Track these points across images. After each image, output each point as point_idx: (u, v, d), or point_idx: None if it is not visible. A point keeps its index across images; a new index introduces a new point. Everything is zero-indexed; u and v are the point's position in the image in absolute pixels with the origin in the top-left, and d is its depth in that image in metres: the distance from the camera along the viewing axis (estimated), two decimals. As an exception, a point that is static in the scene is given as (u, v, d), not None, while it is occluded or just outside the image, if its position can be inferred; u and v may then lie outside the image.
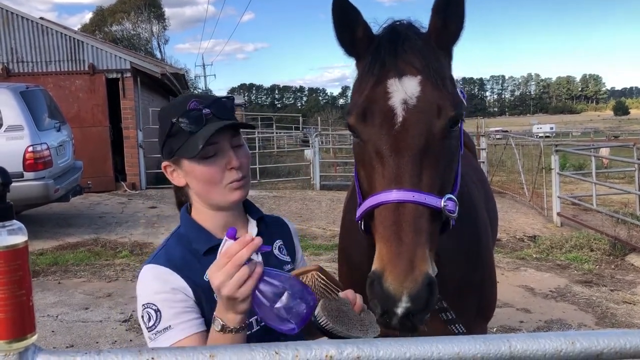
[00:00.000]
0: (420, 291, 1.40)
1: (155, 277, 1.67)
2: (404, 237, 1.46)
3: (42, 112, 10.07)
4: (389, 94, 1.64)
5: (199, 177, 1.74)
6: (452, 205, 1.58)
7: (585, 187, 14.97)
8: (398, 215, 1.50)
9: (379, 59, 1.69)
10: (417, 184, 1.55)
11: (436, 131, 1.61)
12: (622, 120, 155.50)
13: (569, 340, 1.11)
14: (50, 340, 5.46)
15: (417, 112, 1.61)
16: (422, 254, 1.45)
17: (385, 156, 1.60)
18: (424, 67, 1.65)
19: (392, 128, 1.60)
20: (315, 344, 1.08)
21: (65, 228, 10.57)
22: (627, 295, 6.93)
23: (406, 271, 1.41)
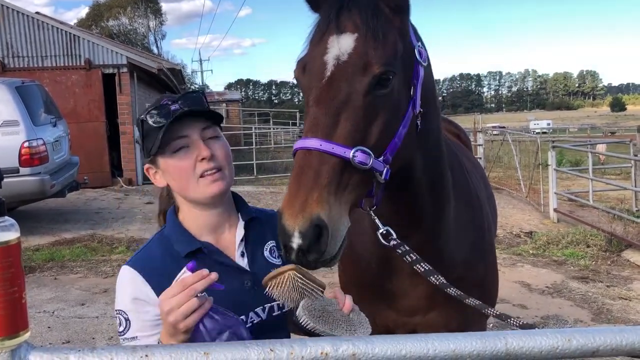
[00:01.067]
0: (308, 229, 1.49)
1: (130, 282, 1.72)
2: (304, 181, 1.55)
3: (38, 107, 10.04)
4: (326, 50, 1.72)
5: (172, 172, 1.75)
6: (362, 157, 1.62)
7: (582, 183, 15.00)
8: (304, 160, 1.59)
9: (327, 16, 1.77)
10: (330, 134, 1.61)
11: (359, 87, 1.66)
12: (618, 116, 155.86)
13: (565, 337, 1.11)
14: (46, 337, 5.45)
15: (344, 68, 1.68)
16: (318, 198, 1.53)
17: (310, 106, 1.69)
18: (361, 25, 1.71)
19: (320, 81, 1.69)
20: (311, 342, 1.07)
21: (62, 224, 10.54)
22: (623, 291, 6.95)
23: (298, 210, 1.51)
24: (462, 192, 2.31)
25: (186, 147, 1.73)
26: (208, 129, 1.77)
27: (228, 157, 1.79)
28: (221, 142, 1.80)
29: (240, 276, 1.78)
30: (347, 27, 1.72)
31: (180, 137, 1.72)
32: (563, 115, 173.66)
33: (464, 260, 2.33)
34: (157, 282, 1.67)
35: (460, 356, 1.08)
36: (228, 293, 1.72)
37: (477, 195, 2.49)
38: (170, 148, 1.72)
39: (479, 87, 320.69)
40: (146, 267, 1.73)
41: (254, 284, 1.76)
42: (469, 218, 2.35)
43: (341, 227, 1.59)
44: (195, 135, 1.74)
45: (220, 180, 1.74)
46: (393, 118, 1.74)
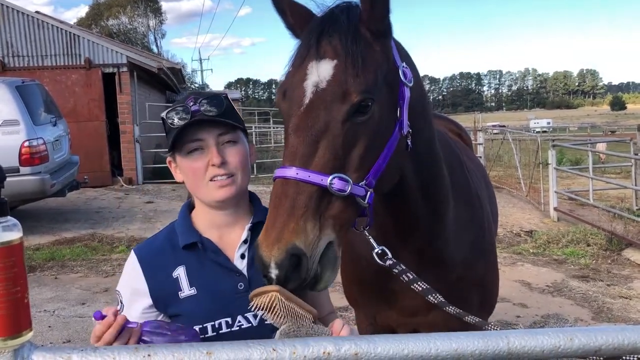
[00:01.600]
0: (284, 260, 1.48)
1: (130, 272, 1.84)
2: (280, 210, 1.55)
3: (38, 106, 10.03)
4: (305, 77, 1.70)
5: (185, 171, 1.79)
6: (340, 184, 1.60)
7: (582, 182, 14.99)
8: (282, 189, 1.58)
9: (307, 41, 1.76)
10: (307, 162, 1.60)
11: (337, 115, 1.64)
12: (619, 115, 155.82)
13: (567, 336, 1.11)
14: (46, 336, 5.45)
15: (322, 96, 1.66)
16: (295, 227, 1.52)
17: (288, 134, 1.68)
18: (341, 51, 1.69)
19: (299, 109, 1.67)
20: (313, 341, 1.08)
21: (62, 223, 10.54)
22: (623, 290, 6.95)
23: (274, 241, 1.50)
24: (462, 191, 2.31)
25: (201, 149, 1.76)
26: (225, 134, 1.78)
27: (242, 163, 1.80)
28: (237, 147, 1.80)
29: (233, 277, 1.79)
30: (327, 53, 1.70)
31: (195, 140, 1.75)
32: (563, 114, 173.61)
33: (464, 260, 2.33)
34: (151, 272, 1.79)
35: (463, 355, 1.08)
36: (217, 292, 1.76)
37: (478, 195, 2.49)
38: (185, 148, 1.76)
39: (479, 86, 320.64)
40: (146, 255, 1.83)
41: (248, 287, 1.76)
42: (469, 217, 2.35)
43: (328, 252, 1.58)
44: (211, 139, 1.75)
45: (229, 186, 1.76)
46: (375, 143, 1.73)
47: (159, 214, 11.36)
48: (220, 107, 1.77)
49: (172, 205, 12.53)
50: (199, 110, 1.74)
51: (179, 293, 1.77)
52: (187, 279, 1.77)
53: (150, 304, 1.78)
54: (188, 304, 1.76)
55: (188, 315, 1.76)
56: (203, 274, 1.78)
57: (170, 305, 1.78)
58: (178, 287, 1.77)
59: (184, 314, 1.77)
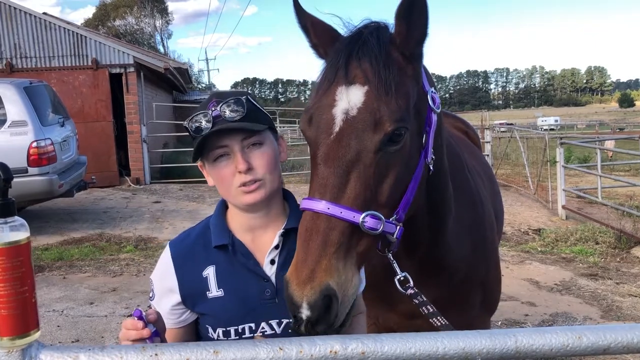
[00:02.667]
0: (317, 300, 1.41)
1: (164, 263, 1.84)
2: (312, 247, 1.48)
3: (46, 107, 10.08)
4: (334, 102, 1.63)
5: (214, 178, 1.76)
6: (373, 222, 1.55)
7: (590, 179, 14.91)
8: (312, 224, 1.52)
9: (335, 64, 1.68)
10: (338, 196, 1.54)
11: (370, 145, 1.58)
12: (627, 112, 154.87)
13: (575, 334, 1.10)
14: (55, 335, 5.48)
15: (353, 124, 1.59)
16: (327, 265, 1.45)
17: (317, 163, 1.61)
18: (372, 77, 1.61)
19: (328, 137, 1.60)
20: (320, 340, 1.07)
21: (70, 223, 10.59)
22: (632, 288, 6.90)
23: (306, 280, 1.44)
24: (464, 194, 2.27)
25: (227, 155, 1.71)
26: (249, 137, 1.71)
27: (270, 165, 1.73)
28: (263, 149, 1.73)
29: (261, 283, 1.75)
30: (357, 78, 1.63)
31: (220, 147, 1.70)
32: (571, 112, 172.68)
33: (465, 263, 2.30)
34: (182, 270, 1.79)
35: (470, 354, 1.08)
36: (243, 297, 1.74)
37: (479, 194, 2.45)
38: (211, 156, 1.72)
39: (486, 84, 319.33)
40: (179, 252, 1.83)
41: (275, 295, 1.74)
42: (469, 219, 2.32)
43: (351, 292, 1.52)
44: (235, 145, 1.70)
45: (256, 191, 1.71)
46: (405, 173, 1.67)
47: (166, 214, 11.39)
48: (241, 111, 1.70)
49: (179, 205, 12.56)
50: (220, 116, 1.68)
51: (207, 293, 1.76)
52: (215, 279, 1.76)
53: (179, 301, 1.79)
54: (214, 305, 1.75)
55: (213, 316, 1.77)
56: (231, 277, 1.76)
57: (198, 303, 1.78)
58: (206, 286, 1.76)
59: (210, 314, 1.77)
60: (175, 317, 1.81)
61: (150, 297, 1.87)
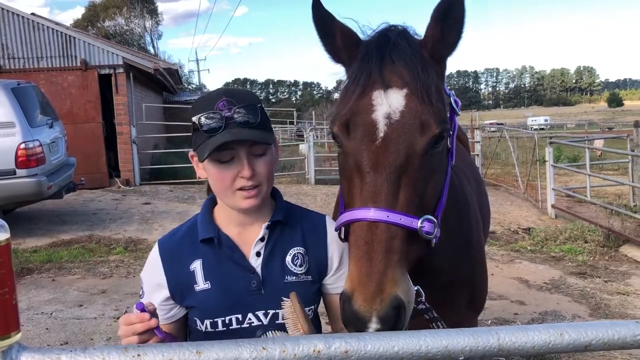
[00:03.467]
0: (388, 313, 1.39)
1: (152, 259, 1.88)
2: (374, 258, 1.44)
3: (34, 108, 10.01)
4: (373, 107, 1.59)
5: (212, 176, 1.77)
6: (429, 226, 1.55)
7: (580, 179, 15.01)
8: (371, 234, 1.47)
9: (366, 67, 1.64)
10: (394, 203, 1.51)
11: (418, 148, 1.56)
12: (616, 112, 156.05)
13: (557, 332, 1.11)
14: (44, 338, 5.44)
15: (399, 128, 1.56)
16: (393, 276, 1.43)
17: (364, 171, 1.56)
18: (411, 80, 1.59)
19: (373, 143, 1.56)
20: (304, 339, 1.07)
21: (59, 225, 10.52)
22: (620, 286, 6.96)
23: (374, 293, 1.39)
24: (449, 194, 2.29)
25: (231, 160, 1.72)
26: (257, 145, 1.73)
27: (269, 173, 1.77)
28: (266, 158, 1.76)
29: (247, 275, 1.79)
30: (394, 82, 1.59)
31: (227, 149, 1.70)
32: (560, 112, 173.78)
33: (451, 263, 2.29)
34: (170, 265, 1.83)
35: (453, 352, 1.08)
36: (230, 289, 1.77)
37: (465, 194, 2.45)
38: (215, 156, 1.70)
39: (477, 84, 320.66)
40: (167, 248, 1.87)
41: (261, 286, 1.78)
42: (455, 220, 2.29)
43: (412, 298, 1.51)
44: (242, 151, 1.70)
45: (255, 197, 1.74)
46: (441, 176, 1.68)
47: (156, 215, 11.35)
48: (255, 119, 1.70)
49: (169, 206, 12.51)
50: (233, 117, 1.67)
51: (194, 286, 1.80)
52: (202, 272, 1.80)
53: (167, 296, 1.82)
54: (202, 297, 1.79)
55: (201, 308, 1.80)
56: (218, 270, 1.80)
57: (186, 297, 1.82)
58: (194, 280, 1.80)
59: (197, 306, 1.81)
60: (164, 312, 1.83)
61: (141, 295, 1.89)
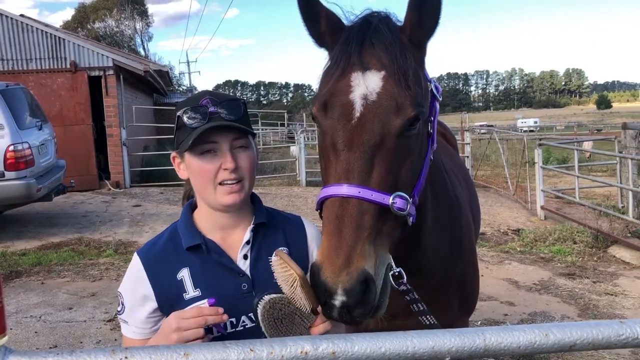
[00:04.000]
0: (354, 286, 1.41)
1: (134, 272, 1.83)
2: (344, 232, 1.47)
3: (23, 110, 9.95)
4: (351, 88, 1.64)
5: (195, 171, 1.77)
6: (401, 203, 1.57)
7: (569, 180, 15.11)
8: (342, 209, 1.51)
9: (346, 50, 1.69)
10: (366, 180, 1.55)
11: (393, 129, 1.60)
12: (604, 113, 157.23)
13: (542, 332, 1.12)
14: (33, 342, 5.41)
15: (375, 109, 1.60)
16: (362, 250, 1.46)
17: (339, 149, 1.60)
18: (389, 63, 1.64)
19: (349, 122, 1.61)
20: (291, 341, 1.08)
21: (49, 228, 10.46)
22: (609, 286, 7.01)
23: (342, 266, 1.42)
24: (441, 196, 2.29)
25: (213, 152, 1.75)
26: (239, 139, 1.77)
27: (251, 168, 1.80)
28: (248, 152, 1.79)
29: (237, 278, 1.79)
30: (372, 64, 1.64)
31: (210, 142, 1.73)
32: (550, 113, 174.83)
33: (443, 264, 2.31)
34: (155, 276, 1.78)
35: (439, 353, 1.09)
36: (221, 293, 1.75)
37: (456, 196, 2.47)
38: (198, 149, 1.74)
39: (467, 86, 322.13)
40: (150, 259, 1.82)
41: (252, 288, 1.78)
42: (446, 221, 2.33)
43: (386, 276, 1.53)
44: (225, 143, 1.74)
45: (237, 192, 1.76)
46: (419, 158, 1.70)
47: (146, 218, 11.30)
48: (238, 114, 1.76)
49: (159, 208, 12.47)
50: (217, 113, 1.72)
51: (183, 295, 1.77)
52: (191, 280, 1.78)
53: (155, 308, 1.79)
54: (193, 305, 1.76)
55: None
56: (207, 276, 1.78)
57: (175, 306, 1.77)
58: (183, 288, 1.77)
59: None
60: (150, 325, 1.81)
61: (119, 311, 1.85)
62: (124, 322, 1.84)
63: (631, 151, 10.37)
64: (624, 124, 11.14)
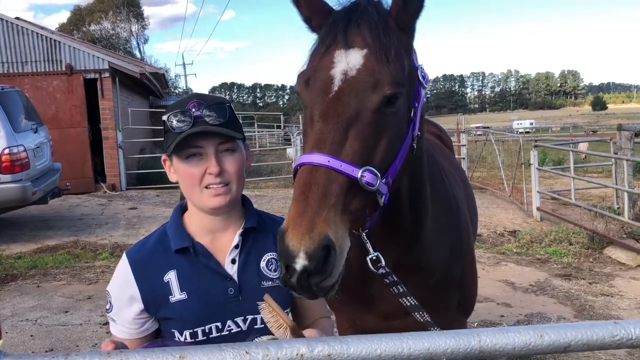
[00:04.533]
0: (316, 250, 1.42)
1: (122, 272, 1.83)
2: (310, 198, 1.49)
3: (18, 113, 9.92)
4: (333, 64, 1.66)
5: (181, 175, 1.78)
6: (370, 177, 1.57)
7: (564, 181, 15.15)
8: (310, 177, 1.52)
9: (333, 30, 1.72)
10: (338, 151, 1.56)
11: (369, 105, 1.62)
12: (600, 115, 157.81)
13: (537, 333, 1.13)
14: (28, 345, 5.39)
15: (353, 84, 1.62)
16: (326, 217, 1.46)
17: (315, 121, 1.63)
18: (372, 42, 1.66)
19: (327, 95, 1.63)
20: (286, 343, 1.08)
21: (44, 231, 10.42)
22: (604, 287, 7.03)
23: (305, 230, 1.43)
24: (440, 196, 2.30)
25: (199, 155, 1.75)
26: (225, 143, 1.77)
27: (238, 172, 1.80)
28: (235, 156, 1.79)
29: (224, 282, 1.79)
30: (356, 42, 1.67)
31: (195, 146, 1.74)
32: (546, 115, 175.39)
33: (441, 264, 2.33)
34: (142, 277, 1.79)
35: (435, 354, 1.09)
36: (208, 297, 1.75)
37: (455, 197, 2.49)
38: (184, 153, 1.75)
39: (462, 88, 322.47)
40: (138, 259, 1.82)
41: (238, 293, 1.78)
42: (446, 221, 2.35)
43: (346, 249, 1.54)
44: (210, 148, 1.75)
45: (223, 195, 1.76)
46: (396, 139, 1.71)
47: (142, 220, 11.28)
48: (224, 117, 1.76)
49: (155, 211, 12.45)
50: (202, 117, 1.72)
51: (169, 297, 1.77)
52: (177, 283, 1.77)
53: (141, 309, 1.79)
54: (179, 308, 1.77)
55: (179, 319, 1.77)
56: (194, 279, 1.78)
57: (161, 308, 1.78)
58: (169, 291, 1.77)
59: (175, 317, 1.78)
60: (137, 326, 1.81)
61: (108, 310, 1.86)
62: (112, 320, 1.84)
63: (626, 152, 10.41)
64: (619, 125, 11.18)
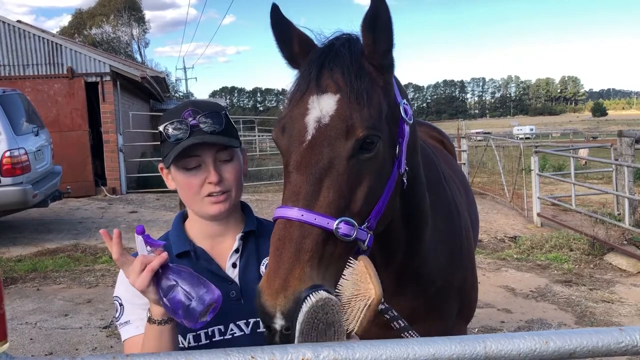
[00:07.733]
0: (291, 309, 1.39)
1: None
2: (284, 255, 1.46)
3: (20, 116, 9.94)
4: (307, 111, 1.64)
5: (180, 185, 1.79)
6: (346, 228, 1.54)
7: (565, 187, 15.15)
8: (284, 232, 1.50)
9: (307, 75, 1.69)
10: (312, 203, 1.53)
11: (342, 152, 1.58)
12: (600, 121, 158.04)
13: (542, 339, 1.12)
14: (28, 349, 5.38)
15: (325, 131, 1.59)
16: (300, 273, 1.43)
17: (290, 172, 1.60)
18: (344, 85, 1.63)
19: (301, 145, 1.60)
20: (292, 348, 1.08)
21: (44, 234, 10.42)
22: (605, 294, 7.02)
23: (279, 288, 1.41)
24: (440, 204, 2.28)
25: (197, 167, 1.75)
26: (223, 151, 1.76)
27: (237, 179, 1.80)
28: (233, 164, 1.79)
29: (226, 286, 1.79)
30: (329, 87, 1.64)
31: (193, 156, 1.73)
32: (546, 121, 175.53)
33: (442, 272, 2.31)
34: None
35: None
36: None
37: (456, 203, 2.47)
38: (182, 163, 1.74)
39: (463, 94, 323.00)
40: None
41: (240, 296, 1.79)
42: (446, 229, 2.33)
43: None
44: (208, 157, 1.74)
45: (223, 202, 1.76)
46: (378, 182, 1.67)
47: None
48: (220, 125, 1.74)
49: (156, 214, 12.45)
50: (198, 126, 1.71)
51: None
52: None
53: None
54: None
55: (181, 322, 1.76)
56: None
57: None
58: None
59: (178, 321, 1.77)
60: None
61: (117, 317, 1.83)
62: (124, 324, 1.81)
63: (627, 159, 10.41)
64: (620, 131, 11.19)
